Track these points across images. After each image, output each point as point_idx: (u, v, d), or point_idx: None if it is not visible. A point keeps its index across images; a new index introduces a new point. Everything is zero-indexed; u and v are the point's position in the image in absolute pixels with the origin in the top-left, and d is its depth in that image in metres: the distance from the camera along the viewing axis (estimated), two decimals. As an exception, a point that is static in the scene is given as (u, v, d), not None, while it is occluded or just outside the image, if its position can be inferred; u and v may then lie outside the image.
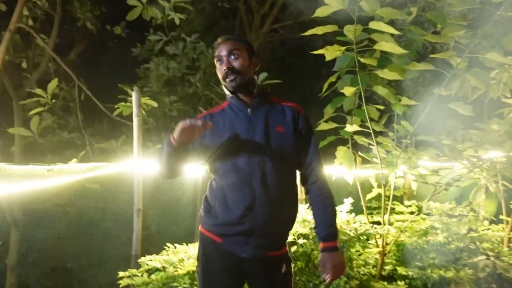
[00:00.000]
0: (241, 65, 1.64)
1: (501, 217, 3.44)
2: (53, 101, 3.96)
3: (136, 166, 3.02)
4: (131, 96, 3.23)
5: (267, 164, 1.59)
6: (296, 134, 1.65)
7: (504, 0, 2.62)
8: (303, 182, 1.72)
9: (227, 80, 1.64)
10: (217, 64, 1.69)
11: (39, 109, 3.90)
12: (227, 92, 1.70)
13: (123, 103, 3.67)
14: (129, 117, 3.66)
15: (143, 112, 3.51)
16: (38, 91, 3.89)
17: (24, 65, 5.46)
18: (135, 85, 4.77)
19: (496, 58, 2.54)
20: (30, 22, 5.17)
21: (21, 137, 4.32)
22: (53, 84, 3.83)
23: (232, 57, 1.64)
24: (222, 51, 1.65)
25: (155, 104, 3.80)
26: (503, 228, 3.40)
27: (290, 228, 1.73)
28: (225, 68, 1.64)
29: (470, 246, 3.14)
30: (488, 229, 3.35)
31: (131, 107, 3.37)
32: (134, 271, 2.60)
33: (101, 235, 4.73)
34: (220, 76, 1.68)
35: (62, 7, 5.28)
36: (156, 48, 5.12)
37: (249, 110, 1.64)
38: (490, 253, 3.12)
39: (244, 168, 1.58)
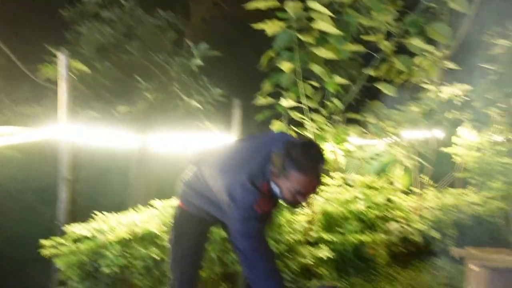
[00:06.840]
0: None
1: (413, 188, 3.87)
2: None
3: (62, 132, 2.85)
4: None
5: None
6: None
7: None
8: None
9: (295, 203, 1.65)
10: (295, 191, 1.59)
11: None
12: (276, 191, 1.64)
13: (48, 64, 3.39)
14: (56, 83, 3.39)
15: (73, 76, 3.27)
16: None
17: None
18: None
19: (419, 44, 2.79)
20: None
21: None
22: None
23: None
24: (313, 190, 1.63)
25: (86, 69, 3.57)
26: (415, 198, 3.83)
27: None
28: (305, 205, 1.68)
29: (386, 214, 3.52)
30: (404, 200, 3.76)
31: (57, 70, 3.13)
32: (59, 239, 2.48)
33: (20, 208, 4.39)
34: (291, 199, 1.63)
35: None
36: (89, 11, 4.74)
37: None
38: (402, 220, 3.55)
39: None
